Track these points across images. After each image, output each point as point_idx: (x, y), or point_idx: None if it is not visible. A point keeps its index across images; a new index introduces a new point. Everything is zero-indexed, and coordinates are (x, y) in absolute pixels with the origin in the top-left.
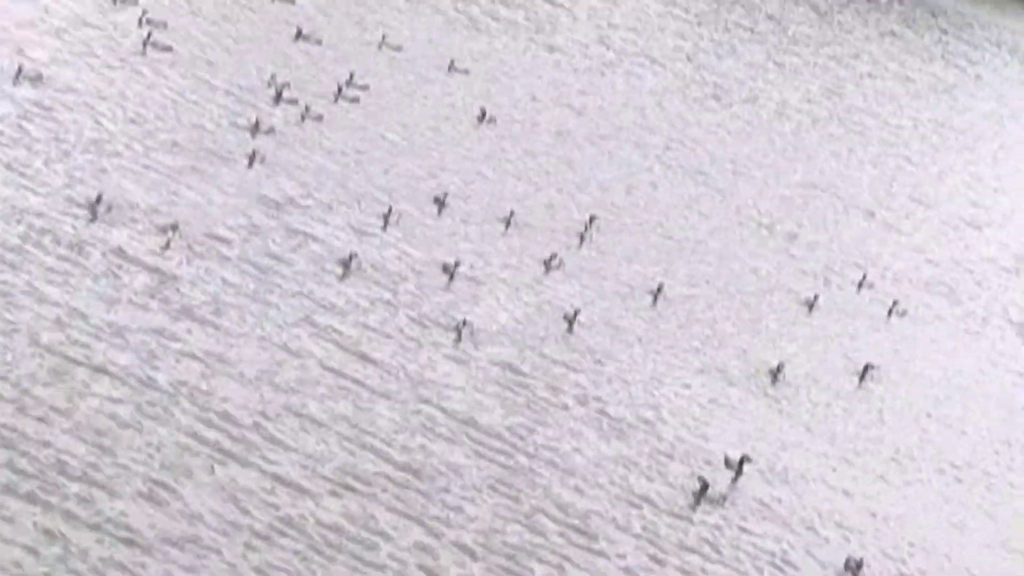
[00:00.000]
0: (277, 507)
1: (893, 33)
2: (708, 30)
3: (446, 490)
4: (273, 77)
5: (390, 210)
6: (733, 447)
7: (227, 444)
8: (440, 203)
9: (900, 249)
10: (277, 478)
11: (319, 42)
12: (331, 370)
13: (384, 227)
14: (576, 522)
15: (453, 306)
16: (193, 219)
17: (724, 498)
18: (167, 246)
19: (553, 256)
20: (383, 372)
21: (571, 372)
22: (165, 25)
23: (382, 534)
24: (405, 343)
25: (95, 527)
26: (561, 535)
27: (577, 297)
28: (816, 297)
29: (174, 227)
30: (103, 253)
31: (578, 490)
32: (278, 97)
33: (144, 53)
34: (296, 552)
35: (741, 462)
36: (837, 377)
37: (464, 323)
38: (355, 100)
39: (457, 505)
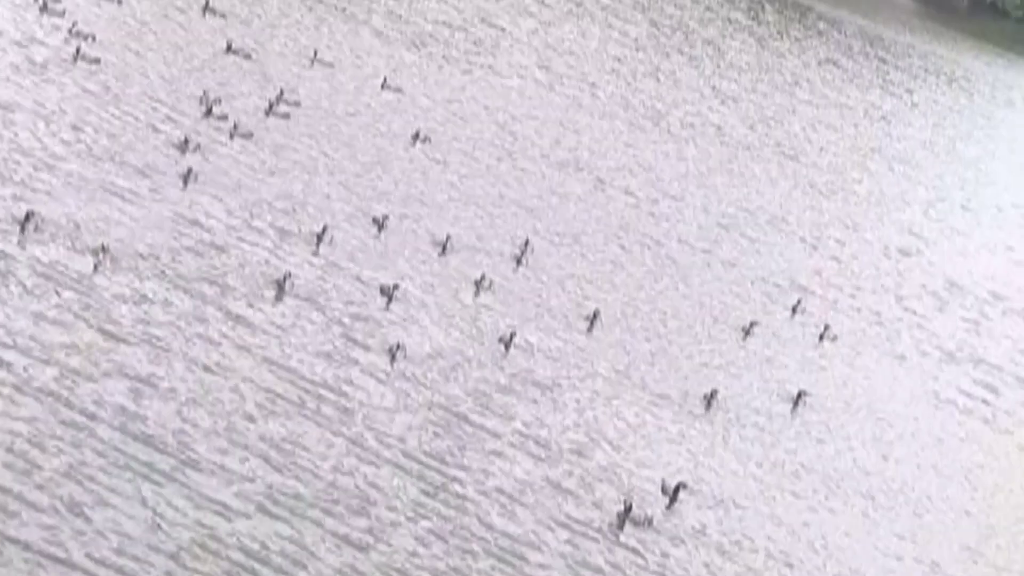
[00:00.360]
0: (200, 527)
1: (831, 61)
2: (646, 55)
3: (372, 512)
4: (205, 93)
5: (324, 230)
6: (664, 472)
7: (150, 463)
8: (379, 224)
9: (833, 275)
10: (201, 498)
11: (248, 56)
12: (261, 390)
13: (317, 247)
14: (501, 544)
15: (387, 328)
16: (123, 237)
17: (649, 521)
18: (96, 264)
19: (483, 277)
20: (313, 394)
21: (504, 395)
22: (94, 37)
23: (306, 556)
24: (337, 365)
25: (9, 546)
26: (485, 557)
27: (513, 321)
28: (752, 324)
29: (103, 245)
30: (30, 270)
31: (505, 513)
32: (208, 112)
33: (73, 66)
34: (218, 574)
35: (676, 489)
36: (770, 403)
37: (398, 346)
38: (286, 116)
39: (383, 527)
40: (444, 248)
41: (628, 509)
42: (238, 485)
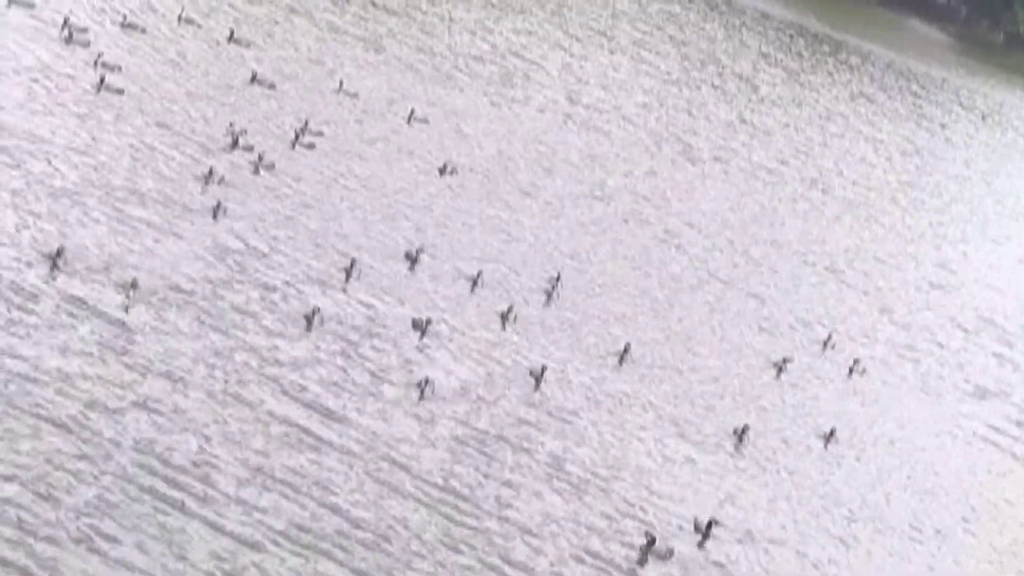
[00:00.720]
0: (219, 559)
1: (864, 95)
2: (678, 88)
3: (392, 545)
4: (231, 124)
5: (352, 263)
6: (693, 507)
7: (170, 495)
8: (411, 259)
9: (865, 309)
10: (220, 530)
11: (272, 86)
12: (285, 423)
13: (347, 280)
14: None
15: (416, 363)
16: (152, 270)
17: (671, 553)
18: (126, 297)
19: (509, 310)
20: (337, 428)
21: (533, 430)
22: (119, 68)
23: None
24: (362, 399)
25: (26, 572)
26: None
27: (544, 356)
28: (785, 360)
29: (133, 277)
30: (59, 303)
31: (527, 546)
32: (234, 144)
33: (98, 96)
34: None
35: (709, 525)
36: (802, 439)
37: (427, 380)
38: (311, 147)
39: (402, 561)
40: (475, 283)
41: (651, 543)
42: (258, 517)
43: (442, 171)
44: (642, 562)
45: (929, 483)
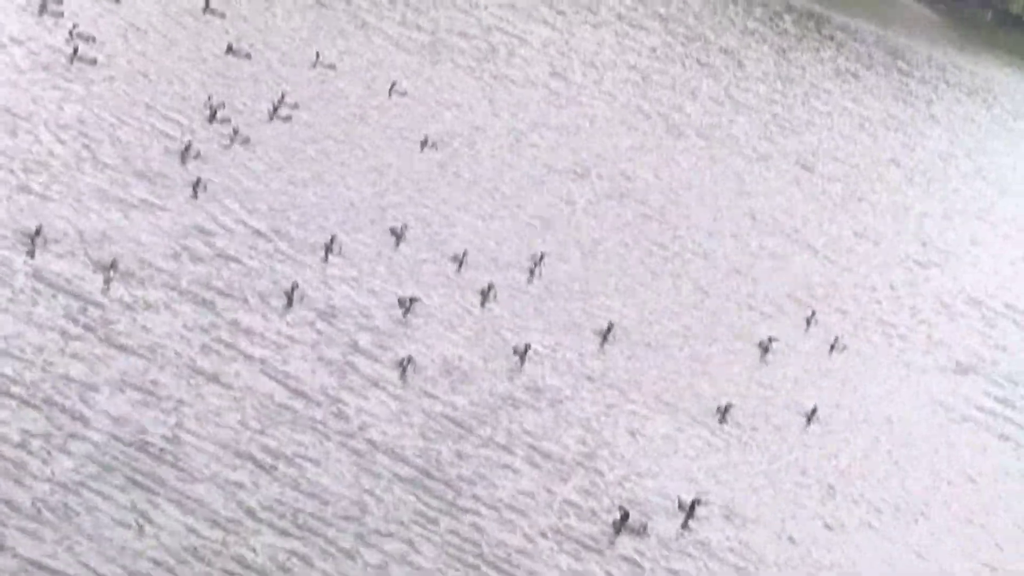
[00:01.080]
0: (189, 534)
1: (849, 71)
2: (663, 64)
3: (366, 521)
4: (209, 97)
5: (332, 239)
6: (676, 485)
7: (141, 470)
8: (397, 235)
9: (848, 286)
10: (191, 506)
11: (249, 57)
12: (261, 401)
13: (326, 257)
14: (496, 554)
15: (398, 341)
16: (132, 247)
17: (644, 528)
18: (105, 275)
19: (489, 287)
20: (315, 405)
21: (516, 408)
22: (93, 39)
23: (295, 563)
24: (341, 376)
25: None
26: (476, 568)
27: (528, 334)
28: (770, 339)
29: (112, 255)
30: (37, 280)
31: (503, 522)
32: (212, 117)
33: (71, 67)
34: None
35: (693, 505)
36: (784, 416)
37: (409, 359)
38: (288, 119)
39: (376, 536)
40: (461, 262)
41: (625, 518)
42: (230, 493)
43: (423, 145)
44: (613, 538)
45: (909, 460)
